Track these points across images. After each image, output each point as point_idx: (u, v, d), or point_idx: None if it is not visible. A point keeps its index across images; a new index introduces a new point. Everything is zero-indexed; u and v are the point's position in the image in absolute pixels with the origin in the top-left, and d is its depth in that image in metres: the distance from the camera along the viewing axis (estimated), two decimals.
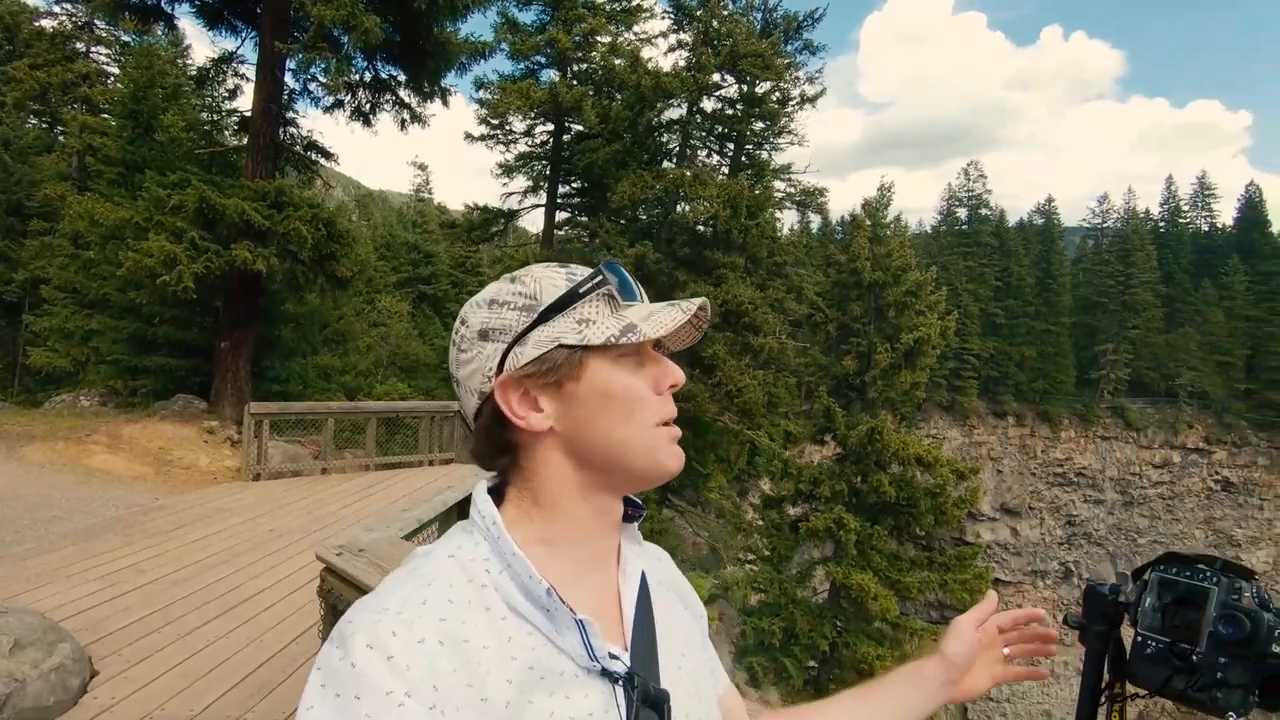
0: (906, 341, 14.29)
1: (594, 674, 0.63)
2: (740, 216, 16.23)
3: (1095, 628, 0.85)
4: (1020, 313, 42.26)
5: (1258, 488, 41.56)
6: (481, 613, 0.61)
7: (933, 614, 35.93)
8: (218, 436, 10.49)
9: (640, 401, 0.69)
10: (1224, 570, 0.76)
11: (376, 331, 22.91)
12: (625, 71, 17.73)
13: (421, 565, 0.64)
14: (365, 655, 0.54)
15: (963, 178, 48.16)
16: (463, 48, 11.60)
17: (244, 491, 8.24)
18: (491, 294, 0.70)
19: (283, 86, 11.52)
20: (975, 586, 12.49)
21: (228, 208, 9.83)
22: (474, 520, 0.68)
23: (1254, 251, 46.02)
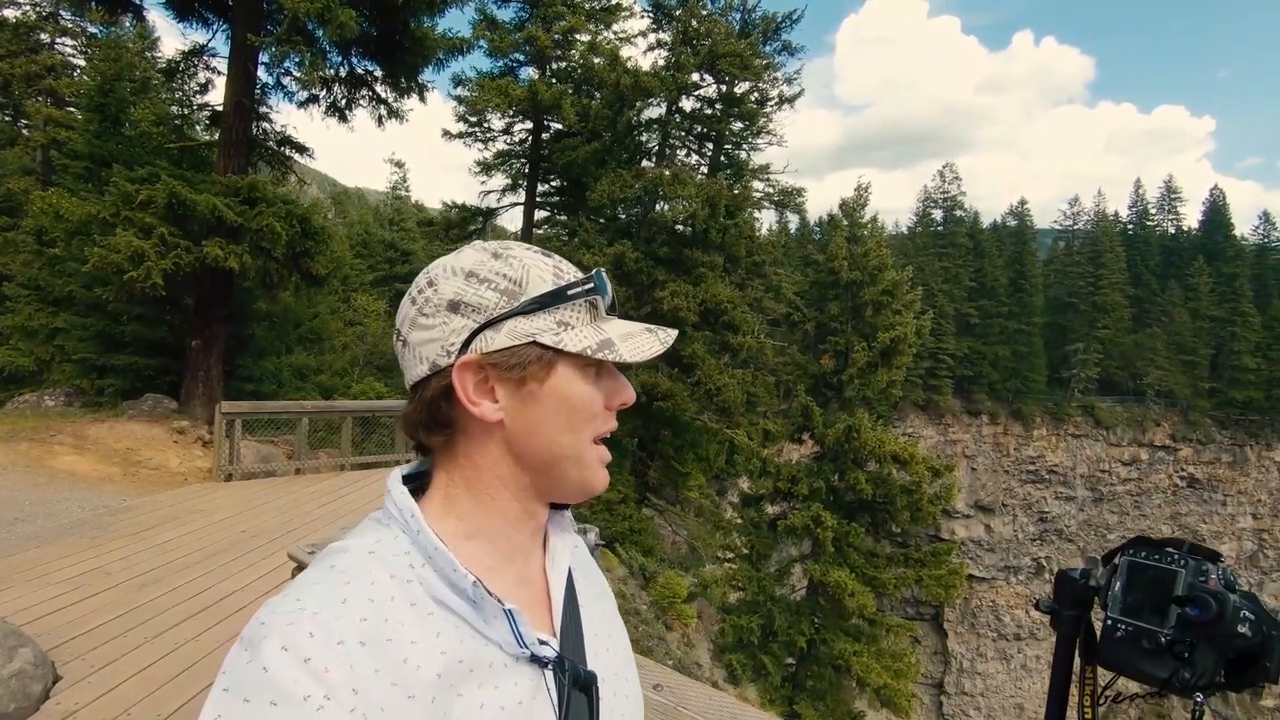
0: (883, 340, 14.45)
1: (523, 661, 0.63)
2: (719, 216, 16.29)
3: (1066, 613, 0.86)
4: (994, 313, 42.96)
5: (1221, 484, 42.67)
6: (406, 609, 0.59)
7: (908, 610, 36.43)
8: (188, 436, 10.29)
9: (591, 415, 0.68)
10: (1191, 553, 0.77)
11: (352, 330, 22.63)
12: (604, 70, 17.71)
13: (340, 561, 0.61)
14: (279, 659, 0.51)
15: (938, 179, 48.88)
16: (441, 43, 11.49)
17: (215, 492, 8.09)
18: (470, 264, 0.67)
19: (255, 80, 11.32)
20: (950, 582, 12.68)
21: (199, 203, 9.63)
22: (389, 512, 0.66)
23: (1218, 254, 47.25)
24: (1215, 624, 0.71)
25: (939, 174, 49.10)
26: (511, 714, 0.60)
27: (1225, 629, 0.71)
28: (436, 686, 0.57)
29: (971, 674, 39.19)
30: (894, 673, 12.54)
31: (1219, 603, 0.71)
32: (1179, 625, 0.74)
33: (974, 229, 46.94)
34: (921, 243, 45.92)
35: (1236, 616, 0.71)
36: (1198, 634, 0.72)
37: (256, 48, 10.62)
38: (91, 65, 14.77)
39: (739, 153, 19.32)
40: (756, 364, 18.28)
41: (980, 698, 39.02)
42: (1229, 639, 0.71)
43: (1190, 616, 0.73)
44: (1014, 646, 39.78)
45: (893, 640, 13.71)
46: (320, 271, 11.18)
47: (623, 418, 5.69)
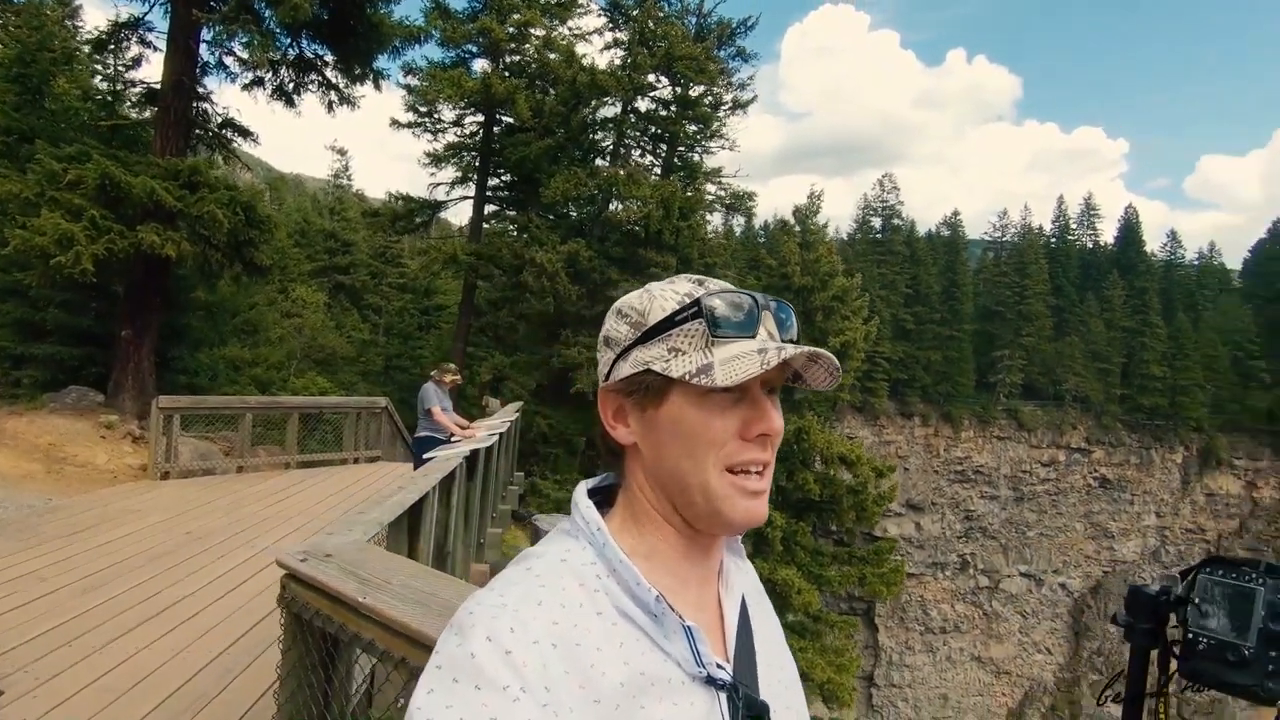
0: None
1: (699, 682, 0.64)
2: (673, 217, 16.41)
3: (1141, 626, 0.93)
4: (927, 319, 44.65)
5: (1129, 484, 45.55)
6: (594, 617, 0.62)
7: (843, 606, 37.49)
8: (117, 432, 9.72)
9: (708, 443, 0.66)
10: (1268, 572, 0.85)
11: (290, 322, 21.78)
12: (560, 66, 17.59)
13: (536, 565, 0.65)
14: (484, 647, 0.55)
15: (878, 189, 50.42)
16: (397, 31, 11.19)
17: (152, 491, 7.68)
18: (622, 303, 0.73)
19: (196, 59, 10.79)
20: (892, 579, 13.16)
21: (134, 186, 9.10)
22: (577, 524, 0.70)
23: (1131, 268, 50.39)
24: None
25: (879, 183, 50.69)
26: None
27: None
28: (620, 694, 0.59)
29: (900, 666, 40.68)
30: (837, 668, 12.94)
31: None
32: (1261, 639, 0.82)
33: (910, 238, 48.68)
34: (861, 249, 47.32)
35: None
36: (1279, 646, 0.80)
37: (199, 24, 10.13)
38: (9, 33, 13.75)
39: (693, 155, 19.52)
40: None
41: (908, 689, 40.56)
42: None
43: (1274, 630, 0.81)
44: (940, 639, 41.50)
45: (835, 636, 14.13)
46: (265, 261, 10.76)
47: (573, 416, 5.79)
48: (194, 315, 12.98)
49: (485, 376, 17.01)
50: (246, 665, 3.79)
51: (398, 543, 3.77)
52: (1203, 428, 45.08)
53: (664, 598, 0.64)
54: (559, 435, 16.14)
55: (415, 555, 3.93)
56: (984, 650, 42.10)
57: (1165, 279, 51.86)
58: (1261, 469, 45.44)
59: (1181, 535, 45.31)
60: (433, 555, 4.46)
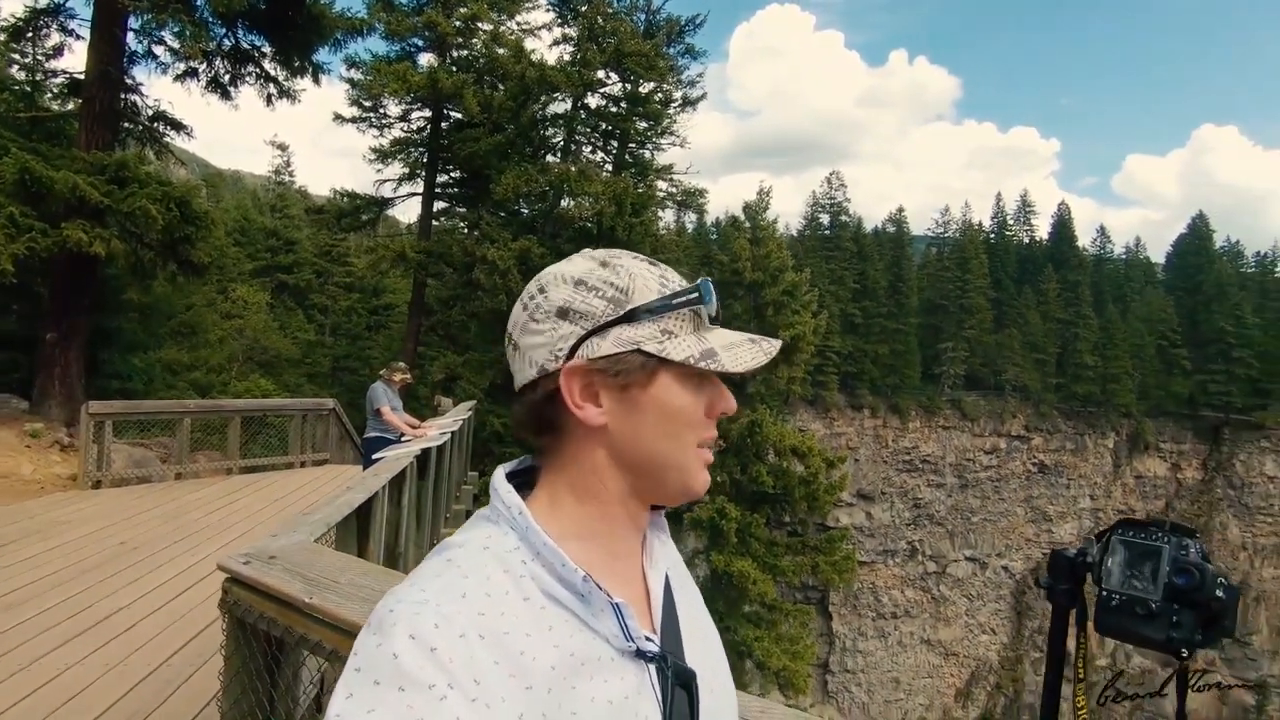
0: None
1: (628, 656, 0.65)
2: (625, 214, 16.42)
3: (1061, 587, 0.99)
4: (875, 313, 45.79)
5: (1065, 469, 47.62)
6: (520, 603, 0.61)
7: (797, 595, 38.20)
8: (43, 440, 9.24)
9: (691, 423, 0.70)
10: (1172, 531, 0.91)
11: (230, 324, 21.02)
12: (508, 61, 17.41)
13: (457, 556, 0.63)
14: (407, 646, 0.53)
15: (826, 186, 51.45)
16: (338, 23, 10.90)
17: (83, 501, 7.32)
18: (580, 272, 0.70)
19: (124, 48, 10.31)
20: (844, 567, 13.49)
21: (56, 181, 8.65)
22: (498, 509, 0.68)
23: (1064, 262, 52.62)
24: (1198, 591, 0.85)
25: (826, 181, 51.81)
26: (619, 708, 0.62)
27: (1205, 595, 0.85)
28: (552, 677, 0.59)
29: (853, 652, 41.69)
30: (792, 655, 13.18)
31: (1201, 573, 0.85)
32: (1166, 593, 0.87)
33: (858, 234, 49.82)
34: (810, 246, 48.21)
35: (1214, 583, 0.85)
36: (1183, 600, 0.86)
37: (125, 11, 9.67)
38: None
39: (643, 152, 19.56)
40: None
41: (861, 674, 41.60)
42: (1208, 602, 0.85)
43: (1177, 585, 0.86)
44: (891, 625, 42.68)
45: (791, 625, 14.40)
46: (201, 259, 10.35)
47: None
48: (126, 317, 12.41)
49: (437, 376, 16.74)
50: (188, 676, 3.66)
51: (346, 544, 3.68)
52: (1131, 413, 47.42)
53: (591, 577, 0.63)
54: (513, 434, 15.96)
55: (365, 556, 3.85)
56: (933, 633, 43.48)
57: (1096, 273, 54.34)
58: (1185, 451, 48.08)
59: (1114, 516, 47.24)
60: (383, 556, 4.38)
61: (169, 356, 15.51)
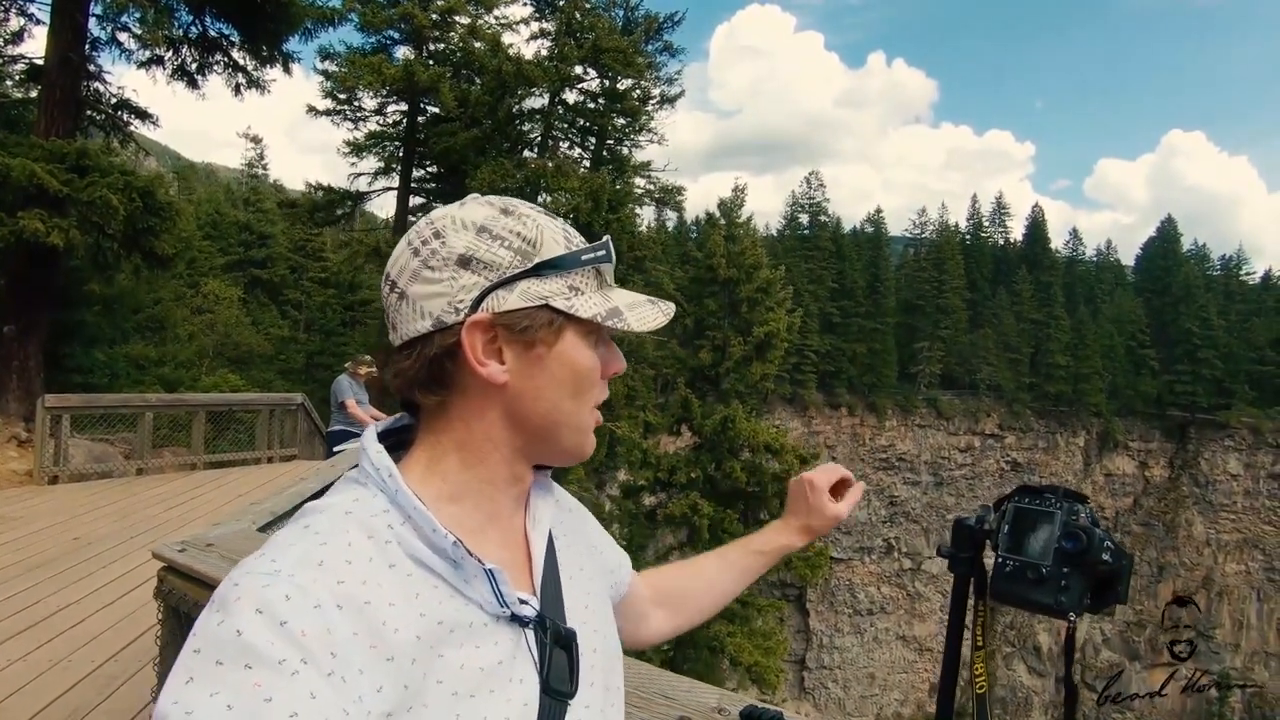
0: (758, 335, 15.18)
1: (503, 621, 0.63)
2: (602, 210, 16.40)
3: (962, 555, 0.98)
4: (853, 313, 46.21)
5: (1038, 467, 48.39)
6: (384, 570, 0.58)
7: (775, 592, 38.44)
8: (1, 435, 9.01)
9: (592, 383, 0.69)
10: (1065, 497, 0.91)
11: (201, 319, 20.66)
12: (485, 55, 17.30)
13: (316, 522, 0.59)
14: (254, 621, 0.50)
15: (805, 186, 51.82)
16: (308, 12, 10.73)
17: (37, 497, 7.14)
18: (481, 219, 0.66)
19: (85, 34, 10.06)
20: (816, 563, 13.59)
21: (12, 168, 8.40)
22: (366, 471, 0.65)
23: (1037, 264, 53.49)
24: (1085, 554, 0.85)
25: (806, 180, 52.13)
26: (491, 674, 0.60)
27: (1092, 558, 0.85)
28: (416, 648, 0.56)
29: (830, 649, 42.07)
30: (764, 650, 13.26)
31: (1088, 536, 0.85)
32: (1056, 558, 0.87)
33: (836, 234, 50.23)
34: (789, 245, 48.52)
35: (1101, 547, 0.85)
36: (1071, 564, 0.86)
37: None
38: None
39: (621, 149, 19.55)
40: (637, 358, 18.59)
41: (837, 670, 42.00)
42: (1095, 566, 0.85)
43: (1066, 549, 0.86)
44: (867, 621, 43.13)
45: (763, 620, 14.48)
46: (166, 251, 10.13)
47: None
48: (89, 310, 12.13)
49: None
50: (134, 672, 3.57)
51: None
52: (1101, 413, 48.31)
53: (462, 543, 0.61)
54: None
55: None
56: (908, 629, 44.00)
57: (1068, 274, 55.28)
58: (1152, 450, 49.08)
59: None
60: None
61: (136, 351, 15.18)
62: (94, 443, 9.12)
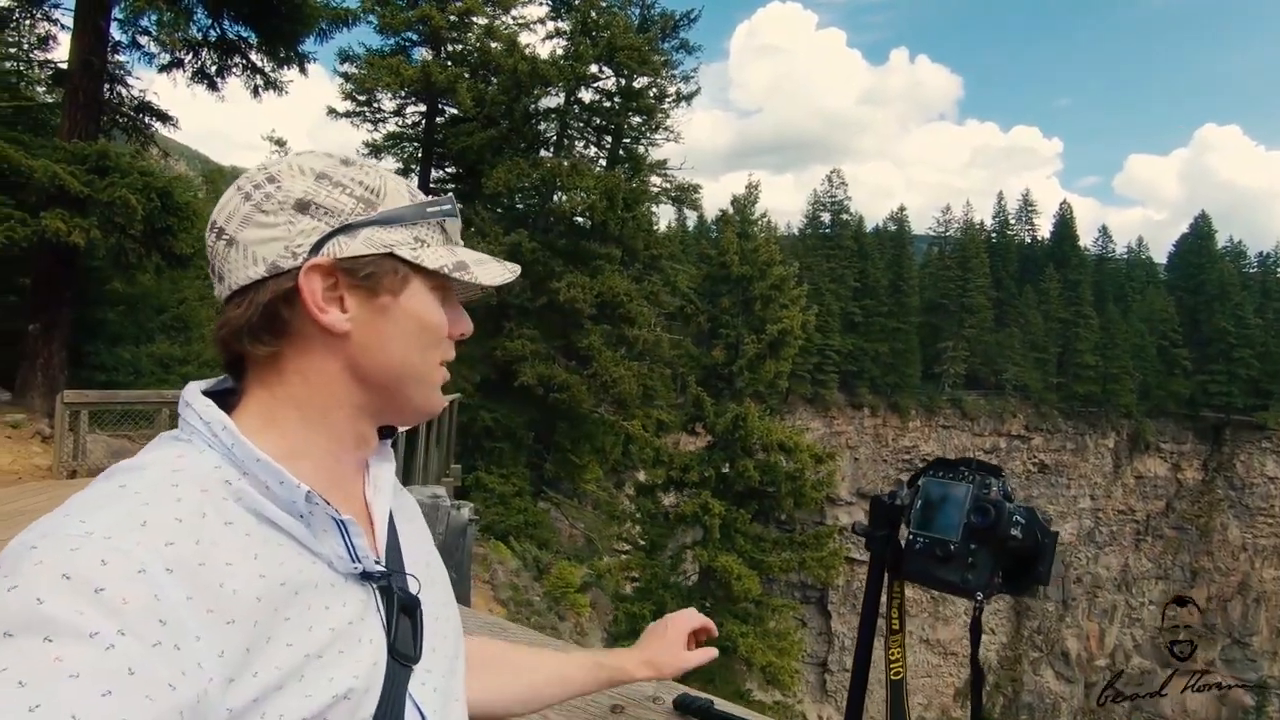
0: (771, 333, 15.06)
1: (352, 580, 0.61)
2: (617, 209, 16.39)
3: (878, 533, 0.93)
4: (875, 312, 45.68)
5: (1065, 469, 47.45)
6: (220, 528, 0.54)
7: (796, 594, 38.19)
8: (24, 431, 9.23)
9: (439, 338, 0.68)
10: (977, 469, 0.85)
11: None
12: (502, 55, 17.38)
13: (135, 481, 0.54)
14: (59, 588, 0.44)
15: (826, 184, 51.28)
16: (322, 12, 10.85)
17: (54, 490, 7.28)
18: (319, 167, 0.64)
19: (107, 38, 10.28)
20: (830, 563, 13.43)
21: (35, 169, 8.60)
22: (191, 426, 0.60)
23: (1065, 262, 52.44)
24: (993, 529, 0.80)
25: (827, 179, 51.60)
26: (342, 634, 0.58)
27: (1001, 533, 0.79)
28: (258, 609, 0.53)
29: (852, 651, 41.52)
30: (778, 651, 13.13)
31: (997, 510, 0.80)
32: (965, 533, 0.82)
33: (858, 232, 49.70)
34: (811, 244, 48.13)
35: (1010, 521, 0.79)
36: (979, 539, 0.80)
37: (110, 1, 9.65)
38: None
39: (637, 147, 19.52)
40: (652, 356, 18.56)
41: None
42: (1004, 542, 0.80)
43: (974, 524, 0.81)
44: None
45: (778, 620, 14.35)
46: (185, 251, 10.31)
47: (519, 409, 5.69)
48: (112, 309, 12.41)
49: None
50: None
51: None
52: (1132, 413, 47.22)
53: (316, 493, 0.58)
54: (503, 429, 15.98)
55: None
56: (932, 633, 43.37)
57: (1097, 272, 54.12)
58: (1185, 452, 47.86)
59: (1114, 516, 47.43)
60: None
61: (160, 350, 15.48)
62: (113, 438, 9.31)
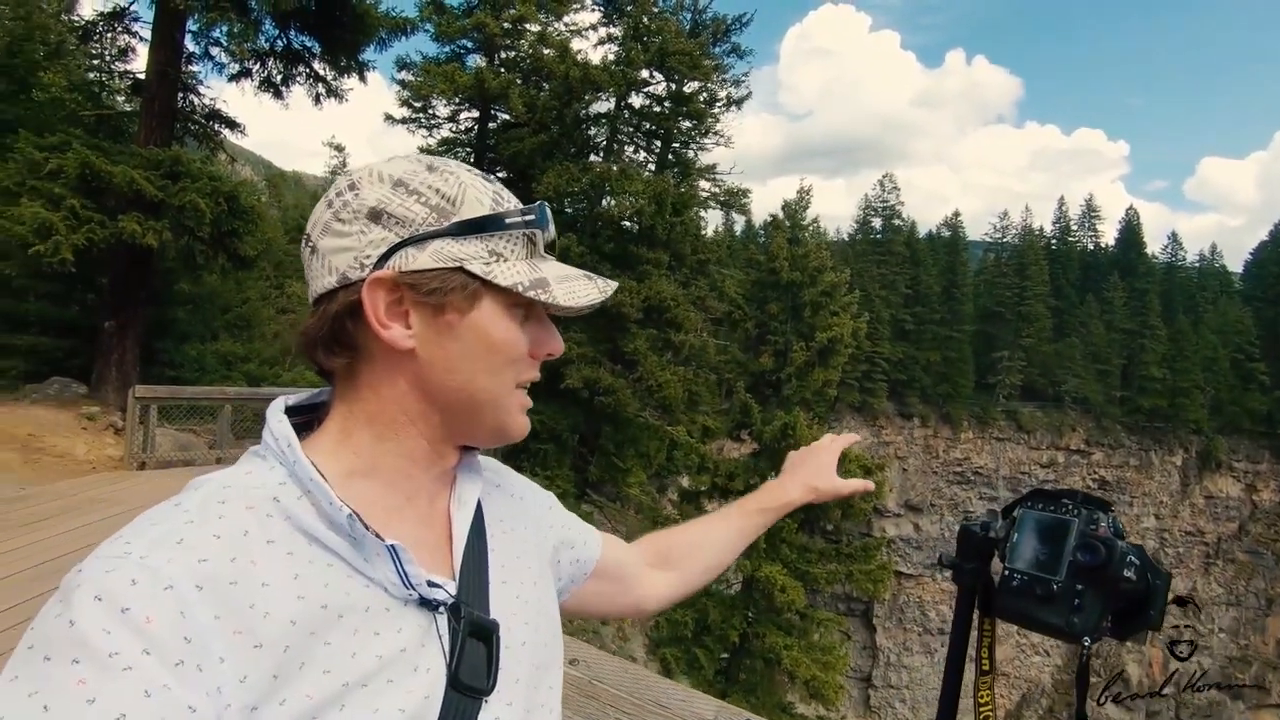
0: (821, 340, 14.79)
1: (411, 604, 0.58)
2: (665, 213, 16.36)
3: (967, 566, 0.87)
4: (927, 319, 44.55)
5: (1129, 486, 45.39)
6: (261, 547, 0.53)
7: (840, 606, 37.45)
8: (99, 423, 9.70)
9: (514, 359, 0.64)
10: (1084, 503, 0.79)
11: (285, 318, 21.77)
12: (553, 62, 17.55)
13: (187, 499, 0.55)
14: (91, 611, 0.45)
15: (878, 189, 50.33)
16: (382, 22, 11.14)
17: (125, 481, 7.63)
18: (400, 173, 0.61)
19: (181, 50, 10.76)
20: (878, 577, 13.09)
21: (115, 175, 9.06)
22: (267, 442, 0.61)
23: (1131, 270, 50.26)
24: (1103, 569, 0.73)
25: (879, 183, 50.60)
26: (391, 662, 0.55)
27: (1112, 573, 0.73)
28: (291, 634, 0.51)
29: (898, 667, 40.58)
30: (823, 665, 12.86)
31: (1108, 548, 0.73)
32: (1070, 572, 0.75)
33: (910, 238, 48.59)
34: (861, 250, 47.27)
35: (1123, 562, 0.73)
36: (1087, 580, 0.74)
37: (183, 13, 10.08)
38: None
39: (687, 152, 19.45)
40: (698, 362, 18.44)
41: (905, 690, 40.45)
42: (1116, 584, 0.73)
43: (1081, 562, 0.74)
44: (938, 640, 41.36)
45: (823, 633, 14.07)
46: (249, 253, 10.70)
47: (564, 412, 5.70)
48: (181, 308, 12.97)
49: None
50: None
51: None
52: (1202, 430, 44.90)
53: (359, 516, 0.56)
54: (549, 431, 16.08)
55: None
56: None
57: (1166, 281, 51.72)
58: (1261, 471, 45.25)
59: (1180, 538, 45.15)
60: None
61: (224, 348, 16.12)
62: (180, 432, 9.71)
